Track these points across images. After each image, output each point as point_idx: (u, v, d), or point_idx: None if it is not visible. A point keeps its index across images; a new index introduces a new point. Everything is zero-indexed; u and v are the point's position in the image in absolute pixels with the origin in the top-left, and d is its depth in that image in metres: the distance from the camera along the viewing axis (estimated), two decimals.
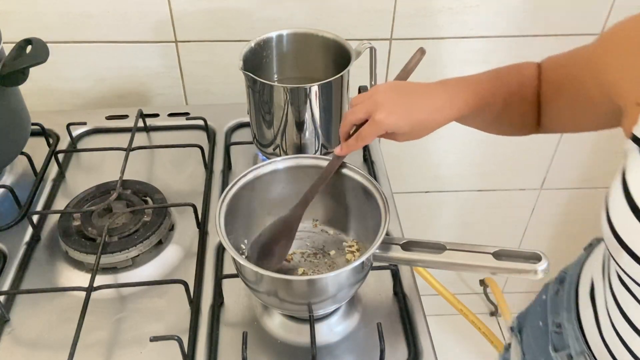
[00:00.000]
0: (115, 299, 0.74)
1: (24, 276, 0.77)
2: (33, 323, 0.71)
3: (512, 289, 1.69)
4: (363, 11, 1.06)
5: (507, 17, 1.10)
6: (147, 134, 1.02)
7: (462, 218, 1.48)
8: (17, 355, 0.68)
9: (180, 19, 1.05)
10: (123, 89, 1.15)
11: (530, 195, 1.43)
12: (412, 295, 0.75)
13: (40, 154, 0.94)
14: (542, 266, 0.58)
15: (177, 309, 0.73)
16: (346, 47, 0.86)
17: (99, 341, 0.69)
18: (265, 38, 0.89)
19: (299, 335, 0.70)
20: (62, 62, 1.09)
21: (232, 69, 0.91)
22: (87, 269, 0.77)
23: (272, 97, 0.82)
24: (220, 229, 0.64)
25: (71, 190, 0.90)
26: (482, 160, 1.32)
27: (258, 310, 0.73)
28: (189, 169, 0.94)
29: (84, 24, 1.05)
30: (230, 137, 1.02)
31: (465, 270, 0.62)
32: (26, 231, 0.82)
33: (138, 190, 0.86)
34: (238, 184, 0.70)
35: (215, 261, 0.79)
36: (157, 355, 0.68)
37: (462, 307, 1.47)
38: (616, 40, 0.55)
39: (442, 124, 0.64)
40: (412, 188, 1.37)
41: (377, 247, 0.61)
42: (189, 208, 0.82)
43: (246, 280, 0.65)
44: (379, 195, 0.68)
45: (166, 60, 1.11)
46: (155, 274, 0.78)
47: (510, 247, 0.60)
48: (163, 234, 0.81)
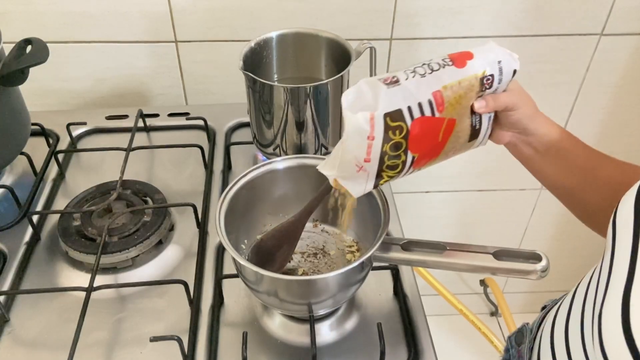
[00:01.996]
0: (115, 299, 0.74)
1: (24, 276, 0.77)
2: (33, 323, 0.71)
3: (512, 289, 1.69)
4: (363, 11, 1.06)
5: (507, 17, 1.10)
6: (147, 134, 1.02)
7: (462, 218, 1.48)
8: (17, 355, 0.68)
9: (180, 19, 1.05)
10: (123, 89, 1.15)
11: (530, 195, 1.42)
12: (413, 295, 0.75)
13: (40, 154, 0.94)
14: (542, 266, 0.58)
15: (177, 309, 0.73)
16: (346, 47, 0.86)
17: (99, 341, 0.69)
18: (265, 38, 0.89)
19: (299, 335, 0.70)
20: (62, 62, 1.09)
21: (232, 68, 0.91)
22: (87, 269, 0.77)
23: (272, 97, 0.82)
24: (220, 229, 0.64)
25: (71, 190, 0.90)
26: (482, 160, 1.32)
27: (258, 310, 0.73)
28: (189, 169, 0.94)
29: (84, 24, 1.05)
30: (230, 137, 1.02)
31: (465, 271, 0.62)
32: (26, 231, 0.82)
33: (138, 190, 0.86)
34: (238, 184, 0.70)
35: (215, 261, 0.79)
36: (157, 355, 0.68)
37: (462, 307, 1.47)
38: None
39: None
40: (412, 188, 1.37)
41: (377, 247, 0.61)
42: (189, 208, 0.82)
43: (246, 280, 0.65)
44: (379, 195, 0.68)
45: (166, 60, 1.11)
46: (155, 274, 0.78)
47: (510, 247, 0.60)
48: (163, 234, 0.81)
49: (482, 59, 0.56)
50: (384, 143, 0.53)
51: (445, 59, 0.57)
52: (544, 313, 0.68)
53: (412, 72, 0.55)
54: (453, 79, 0.55)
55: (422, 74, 0.55)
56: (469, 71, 0.56)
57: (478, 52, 0.57)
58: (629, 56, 1.16)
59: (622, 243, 0.46)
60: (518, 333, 0.69)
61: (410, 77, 0.54)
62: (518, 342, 0.68)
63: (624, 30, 1.12)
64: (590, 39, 1.14)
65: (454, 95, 0.56)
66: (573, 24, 1.11)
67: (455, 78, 0.56)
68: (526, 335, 0.67)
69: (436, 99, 0.55)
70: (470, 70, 0.56)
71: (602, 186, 0.62)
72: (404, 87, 0.53)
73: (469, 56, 0.57)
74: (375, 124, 0.52)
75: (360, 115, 0.51)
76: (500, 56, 0.57)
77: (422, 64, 0.56)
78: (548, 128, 0.62)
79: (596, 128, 1.30)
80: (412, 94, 0.54)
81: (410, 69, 0.55)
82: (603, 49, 1.15)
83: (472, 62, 0.56)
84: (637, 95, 1.24)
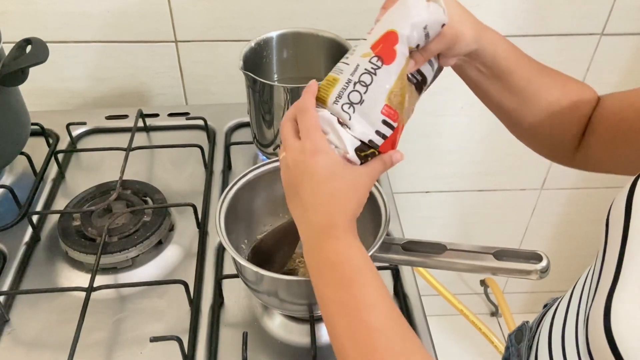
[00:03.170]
0: (115, 299, 0.74)
1: (23, 276, 0.77)
2: (33, 323, 0.71)
3: (513, 290, 1.69)
4: (363, 11, 1.06)
5: (507, 17, 1.10)
6: (147, 134, 1.02)
7: (462, 218, 1.48)
8: (17, 355, 0.68)
9: (180, 19, 1.05)
10: (123, 89, 1.15)
11: (530, 195, 1.42)
12: (413, 296, 0.75)
13: (40, 154, 0.94)
14: (542, 266, 0.58)
15: (177, 309, 0.72)
16: (346, 47, 0.86)
17: (99, 341, 0.69)
18: (265, 38, 0.89)
19: (299, 335, 0.70)
20: (62, 62, 1.09)
21: (232, 68, 0.90)
22: (87, 269, 0.77)
23: (272, 97, 0.82)
24: (220, 229, 0.64)
25: (71, 190, 0.90)
26: (482, 160, 1.32)
27: (258, 311, 0.73)
28: (189, 169, 0.94)
29: (84, 24, 1.04)
30: (230, 137, 1.02)
31: (465, 271, 0.62)
32: (26, 231, 0.82)
33: (138, 190, 0.86)
34: (238, 184, 0.70)
35: (215, 261, 0.79)
36: (157, 355, 0.68)
37: (462, 308, 1.47)
38: None
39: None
40: (412, 188, 1.37)
41: (377, 247, 0.61)
42: (189, 208, 0.82)
43: (246, 280, 0.65)
44: (379, 195, 0.67)
45: (166, 60, 1.10)
46: (155, 274, 0.78)
47: (510, 247, 0.60)
48: (163, 234, 0.81)
49: (407, 35, 0.51)
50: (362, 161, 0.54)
51: (372, 59, 0.52)
52: (544, 312, 0.68)
53: (349, 106, 0.52)
54: (391, 82, 0.52)
55: (359, 100, 0.52)
56: (401, 60, 0.52)
57: (400, 26, 0.51)
58: (629, 56, 1.16)
59: (612, 244, 0.46)
60: (518, 331, 0.69)
61: (352, 114, 0.52)
62: (518, 340, 0.68)
63: (624, 30, 1.12)
64: (590, 39, 1.14)
65: (401, 94, 0.53)
66: (573, 24, 1.11)
67: (393, 78, 0.52)
68: (525, 333, 0.66)
69: (389, 116, 0.53)
70: (402, 58, 0.52)
71: (542, 109, 0.62)
72: (354, 125, 0.52)
73: (393, 40, 0.51)
74: (351, 159, 0.53)
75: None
76: (424, 18, 0.51)
77: (353, 83, 0.52)
78: (493, 48, 0.60)
79: None
80: (364, 130, 0.52)
81: (346, 100, 0.52)
82: (603, 49, 1.15)
83: (399, 46, 0.51)
84: None
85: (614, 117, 0.60)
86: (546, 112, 0.62)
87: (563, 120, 0.63)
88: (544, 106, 0.62)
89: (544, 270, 0.58)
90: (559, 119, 0.63)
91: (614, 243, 0.45)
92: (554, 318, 0.59)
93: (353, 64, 0.53)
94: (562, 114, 0.63)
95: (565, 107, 0.62)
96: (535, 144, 0.68)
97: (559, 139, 0.65)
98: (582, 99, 0.63)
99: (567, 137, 0.64)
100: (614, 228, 0.47)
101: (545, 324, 0.61)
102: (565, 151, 0.66)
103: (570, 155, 0.66)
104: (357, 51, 0.54)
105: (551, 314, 0.61)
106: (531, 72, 0.62)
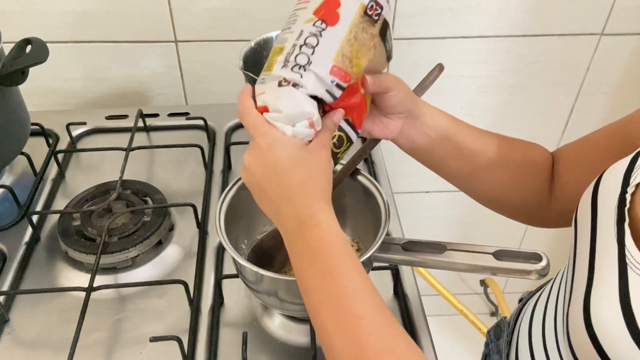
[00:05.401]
0: (115, 299, 0.74)
1: (23, 276, 0.77)
2: (33, 323, 0.71)
3: (513, 290, 1.69)
4: None
5: (507, 17, 1.10)
6: (147, 134, 1.02)
7: (462, 218, 1.48)
8: (17, 355, 0.68)
9: (180, 19, 1.05)
10: (123, 89, 1.15)
11: None
12: (413, 296, 0.75)
13: (40, 153, 0.94)
14: (542, 266, 0.58)
15: (177, 309, 0.72)
16: None
17: (99, 341, 0.69)
18: (265, 38, 0.89)
19: (299, 336, 0.70)
20: (62, 62, 1.09)
21: (232, 68, 0.90)
22: (87, 269, 0.77)
23: None
24: (220, 229, 0.64)
25: (71, 190, 0.90)
26: None
27: (258, 311, 0.73)
28: (189, 169, 0.94)
29: (84, 24, 1.05)
30: (230, 137, 1.02)
31: (465, 271, 0.62)
32: (26, 231, 0.82)
33: (138, 190, 0.86)
34: (238, 183, 0.70)
35: (215, 261, 0.79)
36: (157, 355, 0.68)
37: (462, 308, 1.47)
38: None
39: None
40: (412, 188, 1.37)
41: (377, 247, 0.61)
42: (188, 208, 0.82)
43: (246, 280, 0.65)
44: (379, 195, 0.67)
45: (166, 60, 1.10)
46: (155, 274, 0.78)
47: (510, 247, 0.60)
48: (163, 234, 0.81)
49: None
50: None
51: (317, 22, 0.51)
52: (520, 306, 0.68)
53: (298, 67, 0.51)
54: (338, 43, 0.51)
55: (307, 62, 0.51)
56: (346, 21, 0.51)
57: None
58: (629, 56, 1.16)
59: (582, 241, 0.46)
60: (496, 327, 0.69)
61: (303, 73, 0.51)
62: (497, 337, 0.68)
63: (624, 30, 1.12)
64: (590, 39, 1.14)
65: (350, 54, 0.52)
66: (573, 24, 1.11)
67: (339, 39, 0.51)
68: (504, 329, 0.67)
69: (339, 76, 0.51)
70: (347, 19, 0.51)
71: (496, 167, 0.64)
72: (307, 83, 0.51)
73: (335, 3, 0.51)
74: (316, 121, 0.52)
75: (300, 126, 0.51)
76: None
77: (298, 46, 0.51)
78: (432, 110, 0.62)
79: (596, 128, 1.29)
80: (317, 84, 0.51)
81: (294, 62, 0.51)
82: (603, 49, 1.15)
83: (343, 8, 0.51)
84: (637, 95, 1.23)
85: (577, 161, 0.64)
86: (500, 169, 0.64)
87: (518, 175, 0.65)
88: (496, 162, 0.63)
89: (544, 270, 0.58)
90: (513, 172, 0.65)
91: (584, 240, 0.46)
92: (534, 313, 0.59)
93: (297, 30, 0.52)
94: (516, 169, 0.65)
95: (517, 160, 0.65)
96: (503, 208, 0.71)
97: (520, 197, 0.66)
98: (532, 152, 0.65)
99: (527, 195, 0.66)
100: (583, 225, 0.47)
101: (525, 319, 0.61)
102: (536, 211, 0.67)
103: (545, 215, 0.67)
104: (298, 20, 0.53)
105: (530, 308, 0.61)
106: (477, 131, 0.64)
